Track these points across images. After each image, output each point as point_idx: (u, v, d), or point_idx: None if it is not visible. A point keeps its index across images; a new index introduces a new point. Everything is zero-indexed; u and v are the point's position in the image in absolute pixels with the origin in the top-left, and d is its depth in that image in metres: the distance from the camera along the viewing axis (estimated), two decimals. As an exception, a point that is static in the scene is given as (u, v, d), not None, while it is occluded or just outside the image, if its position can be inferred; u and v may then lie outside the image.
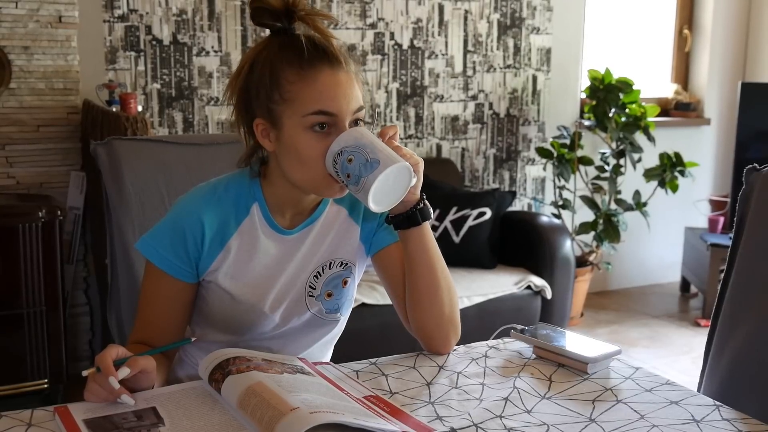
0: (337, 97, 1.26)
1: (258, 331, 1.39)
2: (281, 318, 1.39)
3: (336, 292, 1.42)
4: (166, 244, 1.32)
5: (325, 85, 1.25)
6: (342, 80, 1.27)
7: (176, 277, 1.33)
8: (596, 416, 1.14)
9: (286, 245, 1.38)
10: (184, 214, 1.33)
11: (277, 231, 1.37)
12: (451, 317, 1.38)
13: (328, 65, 1.26)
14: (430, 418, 1.12)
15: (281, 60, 1.27)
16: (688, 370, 3.50)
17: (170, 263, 1.32)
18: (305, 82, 1.25)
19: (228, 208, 1.35)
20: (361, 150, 1.21)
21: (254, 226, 1.36)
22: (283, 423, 0.99)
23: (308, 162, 1.27)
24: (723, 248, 4.01)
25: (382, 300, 3.11)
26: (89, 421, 1.06)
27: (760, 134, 4.39)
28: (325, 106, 1.25)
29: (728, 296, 1.47)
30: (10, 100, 3.09)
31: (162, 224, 1.35)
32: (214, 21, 3.50)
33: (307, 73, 1.25)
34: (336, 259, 1.41)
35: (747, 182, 1.46)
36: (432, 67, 4.01)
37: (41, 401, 2.80)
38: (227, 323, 1.39)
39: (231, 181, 1.37)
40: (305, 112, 1.25)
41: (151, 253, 1.33)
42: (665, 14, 4.83)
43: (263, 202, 1.36)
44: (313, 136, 1.26)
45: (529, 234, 3.58)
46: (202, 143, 1.98)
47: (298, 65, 1.26)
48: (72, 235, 3.20)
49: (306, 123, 1.26)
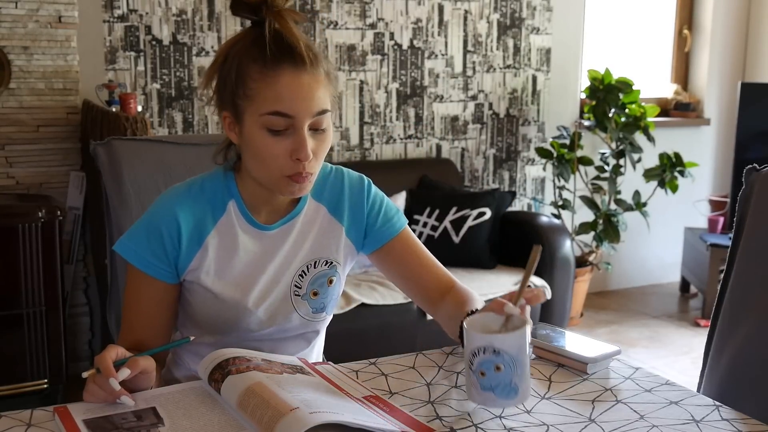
0: (296, 99, 1.25)
1: (244, 329, 1.38)
2: (267, 315, 1.38)
3: (321, 291, 1.42)
4: (143, 245, 1.32)
5: (285, 86, 1.24)
6: (304, 82, 1.25)
7: (157, 278, 1.32)
8: (596, 416, 1.14)
9: (266, 241, 1.37)
10: (160, 214, 1.33)
11: (255, 227, 1.37)
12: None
13: (292, 65, 1.24)
14: (429, 418, 1.12)
15: (248, 56, 1.26)
16: (688, 371, 3.50)
17: (149, 263, 1.32)
18: (266, 82, 1.25)
19: (204, 205, 1.35)
20: (515, 365, 1.08)
21: (232, 223, 1.36)
22: (283, 423, 0.99)
23: (265, 160, 1.28)
24: (723, 248, 4.01)
25: (382, 300, 3.10)
26: (89, 421, 1.06)
27: (760, 134, 4.39)
28: (282, 107, 1.24)
29: (728, 296, 1.47)
30: (9, 100, 3.09)
31: (138, 225, 1.34)
32: (213, 21, 3.50)
33: (270, 72, 1.24)
34: (321, 258, 1.41)
35: (747, 182, 1.46)
36: (432, 68, 4.01)
37: (41, 401, 2.80)
38: (212, 323, 1.38)
39: (206, 180, 1.38)
40: (262, 111, 1.25)
41: (130, 255, 1.32)
42: (665, 14, 4.83)
43: (239, 199, 1.36)
44: (269, 135, 1.26)
45: (529, 234, 3.58)
46: (202, 143, 1.98)
47: (262, 63, 1.25)
48: (72, 235, 3.20)
49: (262, 122, 1.26)
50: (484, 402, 1.10)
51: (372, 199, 1.45)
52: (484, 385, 1.09)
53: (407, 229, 1.47)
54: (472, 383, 1.11)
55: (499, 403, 1.10)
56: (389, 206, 1.47)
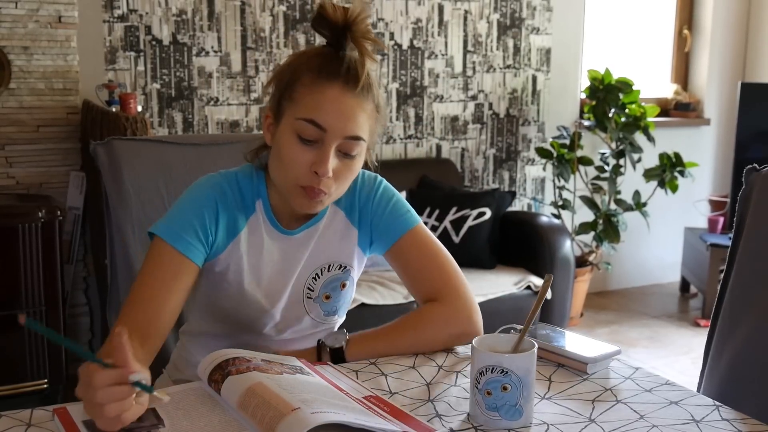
0: (333, 114, 1.25)
1: (258, 329, 1.39)
2: (282, 318, 1.39)
3: (334, 294, 1.41)
4: (179, 222, 1.29)
5: (329, 99, 1.25)
6: (348, 102, 1.26)
7: (185, 255, 1.28)
8: (596, 416, 1.14)
9: (290, 245, 1.37)
10: (201, 198, 1.32)
11: (279, 230, 1.37)
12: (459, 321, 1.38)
13: (343, 83, 1.25)
14: (429, 417, 1.12)
15: (309, 64, 1.28)
16: (688, 371, 3.50)
17: (182, 239, 1.28)
18: (313, 90, 1.26)
19: (238, 200, 1.35)
20: (521, 387, 1.08)
21: (259, 223, 1.36)
22: (285, 423, 0.99)
23: (286, 165, 1.28)
24: (723, 248, 4.01)
25: (381, 300, 3.11)
26: (89, 422, 1.06)
27: (760, 134, 4.39)
28: (317, 118, 1.25)
29: (728, 296, 1.47)
30: (9, 100, 3.09)
31: (176, 207, 1.33)
32: (213, 21, 3.50)
33: (320, 82, 1.25)
34: (335, 262, 1.40)
35: (747, 182, 1.46)
36: (432, 68, 4.01)
37: (41, 401, 2.80)
38: (229, 317, 1.38)
39: (239, 175, 1.37)
40: (299, 116, 1.26)
41: (162, 230, 1.28)
42: (665, 14, 4.83)
43: (267, 200, 1.36)
44: (298, 142, 1.26)
45: (529, 234, 3.58)
46: (202, 143, 1.98)
47: (317, 72, 1.26)
48: (72, 235, 3.20)
49: (296, 127, 1.26)
50: (487, 422, 1.10)
51: (378, 199, 1.42)
52: (489, 405, 1.09)
53: (417, 229, 1.42)
54: (477, 402, 1.11)
55: (502, 425, 1.09)
56: (398, 205, 1.43)
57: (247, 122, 3.63)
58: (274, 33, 3.63)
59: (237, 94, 3.59)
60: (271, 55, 3.63)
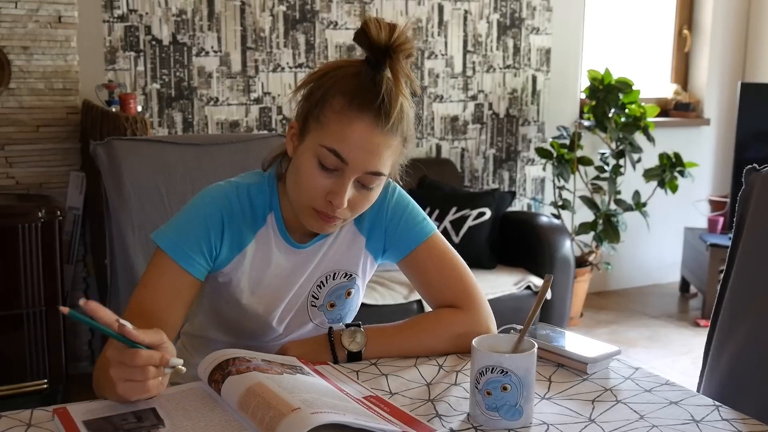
0: (358, 149, 1.22)
1: (259, 336, 1.39)
2: (285, 328, 1.40)
3: (339, 302, 1.41)
4: (182, 235, 1.28)
5: (356, 132, 1.21)
6: (375, 139, 1.22)
7: (187, 270, 1.28)
8: (596, 416, 1.14)
9: (298, 259, 1.36)
10: (206, 210, 1.30)
11: (290, 244, 1.36)
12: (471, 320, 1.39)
13: (374, 118, 1.22)
14: (429, 417, 1.12)
15: (342, 85, 1.24)
16: (688, 371, 3.50)
17: (184, 254, 1.27)
18: (342, 119, 1.22)
19: (247, 213, 1.33)
20: (522, 387, 1.08)
21: (269, 237, 1.34)
22: (285, 423, 0.99)
23: (302, 186, 1.26)
24: (722, 248, 4.01)
25: (381, 300, 3.11)
26: (89, 422, 1.06)
27: (760, 134, 4.39)
28: (341, 149, 1.22)
29: (728, 296, 1.47)
30: (9, 100, 3.10)
31: (180, 217, 1.31)
32: (213, 21, 3.50)
33: (350, 113, 1.22)
34: (340, 270, 1.40)
35: (746, 182, 1.46)
36: (432, 68, 4.01)
37: (41, 401, 2.80)
38: (231, 324, 1.39)
39: (251, 186, 1.35)
40: (323, 143, 1.23)
41: (165, 243, 1.28)
42: (665, 14, 4.83)
43: (279, 213, 1.35)
44: (317, 167, 1.24)
45: (529, 234, 3.58)
46: (202, 143, 1.98)
47: (349, 100, 1.22)
48: (71, 235, 3.20)
49: (318, 152, 1.24)
50: (487, 422, 1.10)
51: (393, 208, 1.40)
52: (489, 405, 1.09)
53: (433, 238, 1.41)
54: (477, 402, 1.10)
55: (502, 425, 1.09)
56: (413, 214, 1.42)
57: (247, 122, 3.64)
58: (274, 33, 3.63)
59: (237, 94, 3.59)
60: (271, 55, 3.63)
